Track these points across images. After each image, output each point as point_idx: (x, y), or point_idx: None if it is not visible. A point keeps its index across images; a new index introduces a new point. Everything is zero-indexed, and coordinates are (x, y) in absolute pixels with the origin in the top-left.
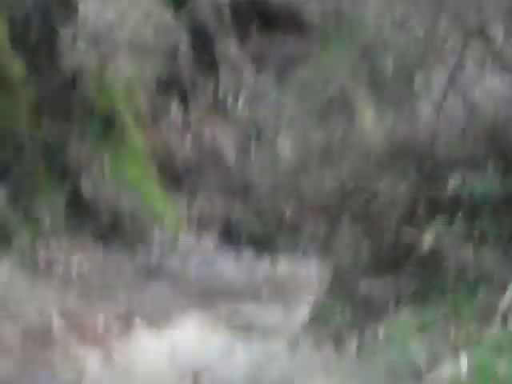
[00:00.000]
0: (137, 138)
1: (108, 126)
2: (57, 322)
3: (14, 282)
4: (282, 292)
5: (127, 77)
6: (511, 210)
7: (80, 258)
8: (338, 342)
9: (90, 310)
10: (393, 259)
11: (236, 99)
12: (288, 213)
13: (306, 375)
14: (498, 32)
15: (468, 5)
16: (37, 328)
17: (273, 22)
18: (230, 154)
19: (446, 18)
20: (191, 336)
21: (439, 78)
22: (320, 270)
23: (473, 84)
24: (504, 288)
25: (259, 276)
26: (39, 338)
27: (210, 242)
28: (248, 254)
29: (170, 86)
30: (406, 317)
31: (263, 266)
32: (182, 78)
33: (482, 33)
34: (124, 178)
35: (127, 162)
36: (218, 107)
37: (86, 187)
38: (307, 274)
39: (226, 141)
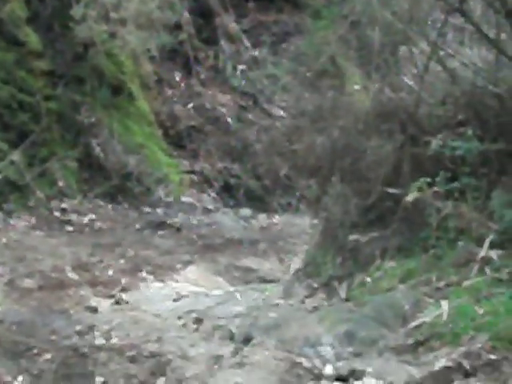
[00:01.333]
0: (143, 104)
1: (117, 94)
2: (69, 270)
3: (30, 235)
4: (276, 244)
5: (134, 48)
6: (487, 170)
7: (91, 215)
8: (329, 289)
9: (101, 262)
10: (379, 215)
11: (235, 69)
12: (283, 173)
13: (300, 318)
14: (475, 8)
15: None
16: (52, 276)
17: None
18: (230, 119)
19: None
20: (193, 284)
21: (422, 49)
22: (312, 225)
23: (453, 55)
24: (481, 240)
25: (256, 230)
26: (54, 285)
27: (210, 200)
28: (246, 210)
29: (174, 56)
30: (391, 267)
31: (259, 222)
32: (185, 50)
33: (461, 9)
34: (131, 142)
35: (134, 128)
36: (218, 76)
37: (97, 151)
38: (300, 228)
39: (225, 107)
